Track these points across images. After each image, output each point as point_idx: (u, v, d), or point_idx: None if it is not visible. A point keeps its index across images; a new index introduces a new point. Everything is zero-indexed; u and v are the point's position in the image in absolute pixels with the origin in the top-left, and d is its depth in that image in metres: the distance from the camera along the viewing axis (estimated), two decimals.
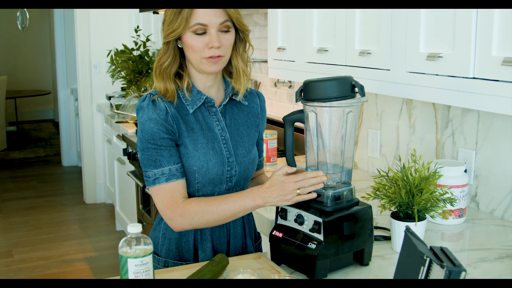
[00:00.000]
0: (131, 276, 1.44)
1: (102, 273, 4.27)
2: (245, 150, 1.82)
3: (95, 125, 5.88)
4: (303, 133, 2.94)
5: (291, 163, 1.73)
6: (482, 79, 1.72)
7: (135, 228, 1.46)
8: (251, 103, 1.88)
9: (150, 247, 1.46)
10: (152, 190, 1.71)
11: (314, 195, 1.62)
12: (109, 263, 4.47)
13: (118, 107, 5.04)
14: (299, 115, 1.69)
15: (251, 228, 1.90)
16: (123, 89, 5.29)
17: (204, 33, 1.68)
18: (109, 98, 5.46)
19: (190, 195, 1.75)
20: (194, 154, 1.71)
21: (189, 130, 1.71)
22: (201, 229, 1.80)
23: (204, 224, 1.70)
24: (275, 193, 1.62)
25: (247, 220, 1.88)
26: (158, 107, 1.71)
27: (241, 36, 1.77)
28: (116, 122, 4.73)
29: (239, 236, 1.86)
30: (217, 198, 1.69)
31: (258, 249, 1.96)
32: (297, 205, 1.69)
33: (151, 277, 1.46)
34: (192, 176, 1.73)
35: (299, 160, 3.03)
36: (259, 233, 2.00)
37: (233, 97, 1.83)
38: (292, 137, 1.72)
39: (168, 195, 1.68)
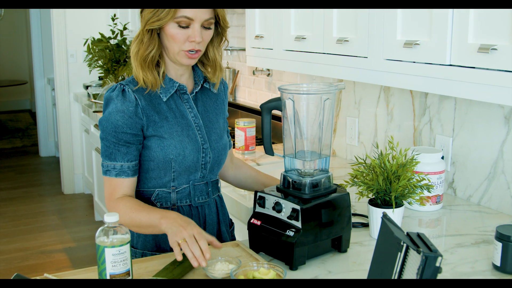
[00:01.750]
0: (109, 265, 1.44)
1: (81, 264, 4.25)
2: (217, 136, 1.83)
3: (72, 115, 5.83)
4: (281, 121, 2.96)
5: (269, 150, 1.74)
6: (459, 66, 1.73)
7: (111, 218, 1.45)
8: (219, 91, 1.91)
9: (127, 236, 1.46)
10: (103, 178, 1.73)
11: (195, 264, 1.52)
12: (88, 253, 4.45)
13: (95, 96, 5.00)
14: (277, 103, 1.69)
15: (225, 215, 1.92)
16: (100, 78, 5.25)
17: (187, 27, 1.67)
18: (86, 87, 5.42)
19: (165, 184, 1.76)
20: (170, 142, 1.71)
21: (163, 119, 1.71)
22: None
23: (126, 225, 1.65)
24: (174, 228, 1.57)
25: (221, 207, 1.90)
26: (128, 99, 1.69)
27: (219, 30, 1.78)
28: (94, 112, 4.70)
29: (214, 223, 1.87)
30: (141, 206, 1.67)
31: (232, 235, 1.98)
32: (274, 193, 1.69)
33: (129, 267, 1.46)
34: (168, 165, 1.73)
35: (277, 148, 3.03)
36: (231, 219, 2.02)
37: (205, 85, 1.85)
38: (270, 125, 1.71)
39: (111, 188, 1.70)
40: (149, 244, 1.82)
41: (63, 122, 5.81)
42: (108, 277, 1.44)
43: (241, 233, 2.25)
